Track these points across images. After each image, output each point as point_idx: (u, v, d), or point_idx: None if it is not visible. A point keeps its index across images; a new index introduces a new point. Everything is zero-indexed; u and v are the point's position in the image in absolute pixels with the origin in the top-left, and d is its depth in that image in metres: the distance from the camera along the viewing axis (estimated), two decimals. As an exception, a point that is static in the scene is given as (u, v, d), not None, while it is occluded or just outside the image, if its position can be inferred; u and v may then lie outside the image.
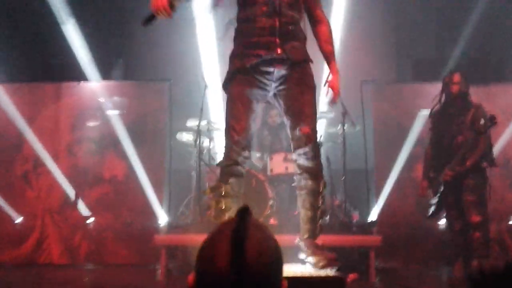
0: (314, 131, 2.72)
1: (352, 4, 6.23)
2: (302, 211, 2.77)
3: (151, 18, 2.56)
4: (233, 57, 2.78)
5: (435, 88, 5.55)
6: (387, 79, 6.19)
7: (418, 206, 5.30)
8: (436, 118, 4.37)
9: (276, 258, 0.99)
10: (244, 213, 0.97)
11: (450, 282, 4.30)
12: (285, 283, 1.01)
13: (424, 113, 5.47)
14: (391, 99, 5.67)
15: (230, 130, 2.72)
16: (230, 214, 2.72)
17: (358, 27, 6.34)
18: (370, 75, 5.82)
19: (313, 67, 2.82)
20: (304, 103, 2.69)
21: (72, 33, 5.98)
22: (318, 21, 2.90)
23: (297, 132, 2.68)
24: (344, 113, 5.01)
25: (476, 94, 5.34)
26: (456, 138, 4.15)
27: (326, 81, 2.86)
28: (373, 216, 5.39)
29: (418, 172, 5.42)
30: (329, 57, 2.87)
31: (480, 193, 4.06)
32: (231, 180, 2.72)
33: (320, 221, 2.78)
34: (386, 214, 5.35)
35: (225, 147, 2.77)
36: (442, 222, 5.19)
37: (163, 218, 5.45)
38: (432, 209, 4.31)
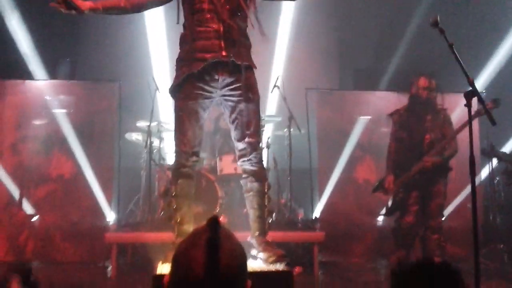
0: (257, 141, 2.95)
1: (297, 16, 6.58)
2: (250, 211, 2.96)
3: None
4: (180, 62, 2.93)
5: (373, 96, 6.03)
6: (330, 87, 6.55)
7: (358, 204, 5.69)
8: (401, 116, 4.46)
9: (243, 263, 1.12)
10: (215, 223, 1.07)
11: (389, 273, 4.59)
12: (249, 282, 1.12)
13: (364, 118, 5.91)
14: (334, 106, 6.02)
15: (177, 140, 2.92)
16: (181, 213, 2.90)
17: (303, 38, 6.70)
18: (314, 83, 6.15)
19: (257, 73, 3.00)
20: (249, 115, 2.89)
21: (17, 30, 5.88)
22: None
23: (243, 143, 2.90)
24: (290, 118, 5.28)
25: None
26: (426, 136, 4.29)
27: None
28: (316, 213, 5.70)
29: (357, 173, 5.82)
30: None
31: (445, 199, 4.35)
32: (180, 181, 2.91)
33: (268, 219, 3.00)
34: (328, 211, 5.67)
35: (175, 153, 2.96)
36: (380, 218, 5.60)
37: (111, 217, 5.46)
38: (391, 205, 4.42)
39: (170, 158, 5.78)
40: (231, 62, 2.82)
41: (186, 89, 2.85)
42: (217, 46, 2.81)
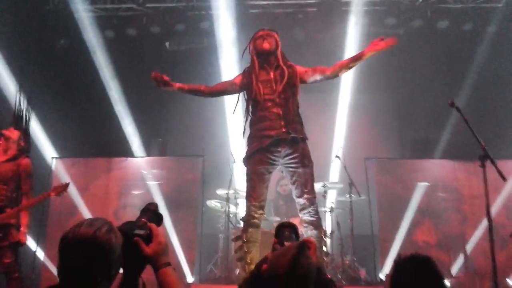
0: (314, 197, 3.79)
1: (357, 90, 7.38)
2: None
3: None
4: (251, 138, 3.90)
5: (429, 164, 6.49)
6: (388, 155, 7.11)
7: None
8: None
9: (313, 275, 1.79)
10: (302, 245, 1.83)
11: None
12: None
13: (421, 185, 6.34)
14: (392, 173, 6.53)
15: (248, 196, 3.84)
16: (250, 256, 3.66)
17: (362, 111, 7.43)
18: (373, 152, 6.75)
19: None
20: (306, 178, 3.76)
21: (122, 113, 7.21)
22: (327, 71, 3.90)
23: (302, 199, 3.75)
24: (351, 184, 5.88)
25: (466, 169, 6.24)
26: None
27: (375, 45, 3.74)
28: (382, 276, 6.02)
29: (417, 236, 6.18)
30: (353, 57, 3.81)
31: None
32: (250, 230, 3.77)
33: (324, 260, 3.64)
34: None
35: (246, 207, 3.86)
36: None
37: (195, 275, 6.20)
38: None
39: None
40: (290, 138, 3.65)
41: (256, 158, 3.78)
42: (279, 125, 3.71)
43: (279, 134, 3.71)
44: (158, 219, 1.85)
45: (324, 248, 3.73)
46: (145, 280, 1.78)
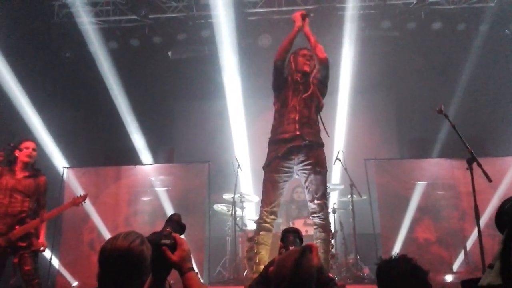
0: (324, 202, 4.04)
1: (355, 92, 7.61)
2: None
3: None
4: (270, 146, 4.15)
5: (427, 163, 6.73)
6: (388, 156, 7.33)
7: (420, 262, 6.19)
8: None
9: (314, 276, 2.07)
10: (304, 249, 2.09)
11: None
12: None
13: (420, 184, 6.57)
14: (391, 173, 6.76)
15: (262, 202, 4.10)
16: (259, 256, 3.91)
17: (360, 113, 7.66)
18: (372, 153, 6.98)
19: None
20: (318, 184, 4.01)
21: (130, 124, 7.45)
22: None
23: (313, 204, 4.01)
24: (352, 185, 6.09)
25: (462, 166, 6.45)
26: None
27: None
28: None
29: (418, 233, 6.40)
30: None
31: None
32: (262, 233, 4.03)
33: (331, 261, 3.88)
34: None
35: (259, 211, 4.07)
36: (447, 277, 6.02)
37: (204, 277, 6.42)
38: None
39: (251, 225, 6.76)
40: (303, 145, 3.90)
41: (272, 166, 4.07)
42: (293, 128, 3.98)
43: (293, 137, 3.95)
44: (181, 228, 2.07)
45: (332, 250, 3.97)
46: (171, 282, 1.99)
